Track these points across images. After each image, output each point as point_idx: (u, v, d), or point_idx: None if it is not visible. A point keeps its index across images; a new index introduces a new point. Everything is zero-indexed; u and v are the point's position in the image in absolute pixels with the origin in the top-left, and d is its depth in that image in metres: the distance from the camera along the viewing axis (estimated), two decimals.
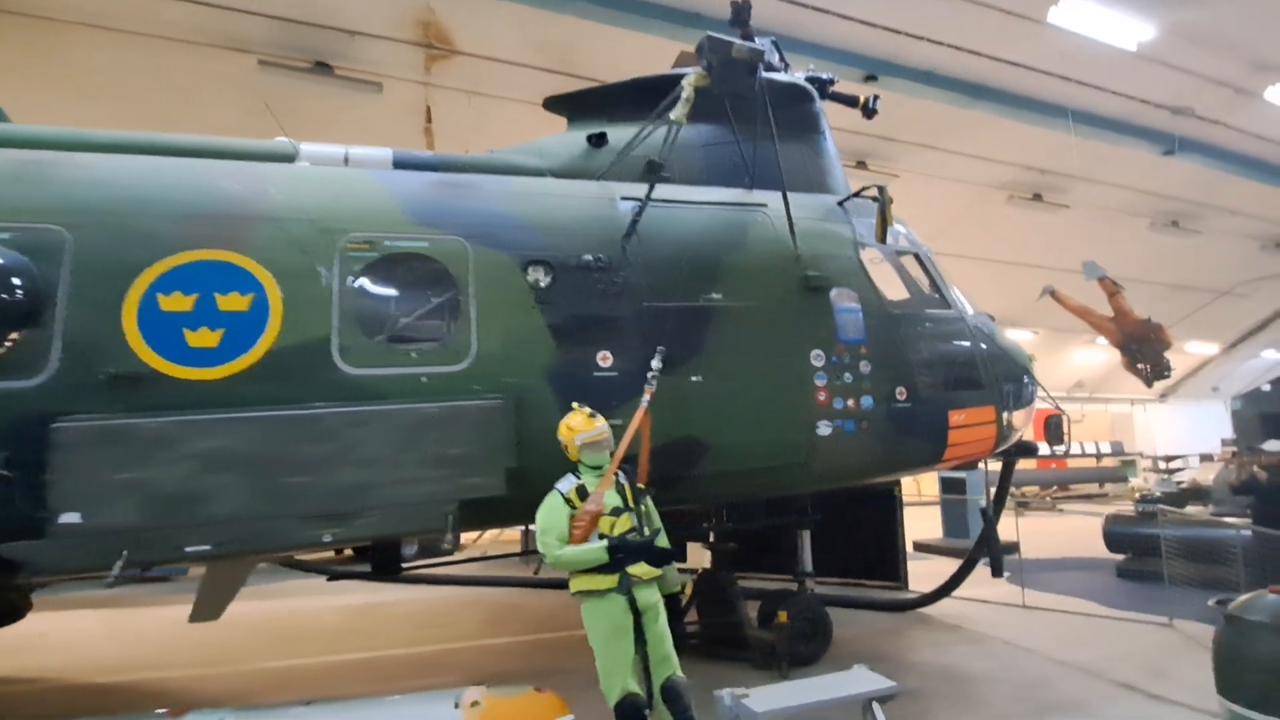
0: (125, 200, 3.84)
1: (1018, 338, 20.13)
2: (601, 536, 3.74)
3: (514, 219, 4.54)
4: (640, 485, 4.02)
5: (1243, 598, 3.44)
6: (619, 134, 5.65)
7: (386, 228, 4.22)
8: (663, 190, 5.15)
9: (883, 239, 5.15)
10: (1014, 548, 11.49)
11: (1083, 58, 9.81)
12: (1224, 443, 17.22)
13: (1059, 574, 9.87)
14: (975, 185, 13.54)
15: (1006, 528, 12.08)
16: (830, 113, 11.13)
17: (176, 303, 3.69)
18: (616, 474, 3.97)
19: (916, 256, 5.83)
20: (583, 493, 3.83)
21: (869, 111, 6.89)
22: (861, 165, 12.16)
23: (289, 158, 4.64)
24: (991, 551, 6.20)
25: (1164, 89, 10.58)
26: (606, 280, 4.48)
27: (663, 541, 3.94)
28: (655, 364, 4.25)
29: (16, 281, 3.43)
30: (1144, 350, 10.27)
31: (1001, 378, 5.71)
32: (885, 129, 11.61)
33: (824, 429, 4.86)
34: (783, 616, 5.77)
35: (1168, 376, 10.71)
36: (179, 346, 3.65)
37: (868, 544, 8.98)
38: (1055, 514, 16.87)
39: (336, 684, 5.58)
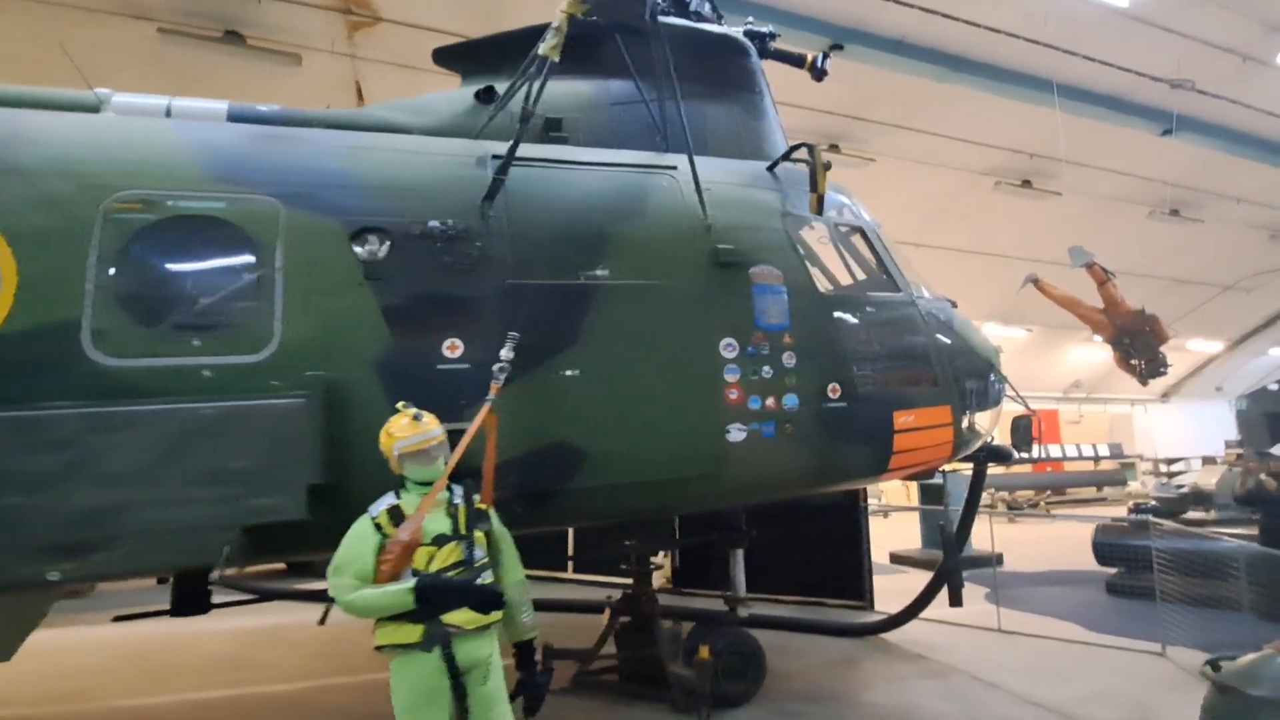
0: None
1: (1009, 336, 19.29)
2: (415, 573, 2.93)
3: (346, 177, 3.71)
4: (481, 506, 3.21)
5: (1241, 661, 2.60)
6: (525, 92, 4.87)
7: (173, 185, 3.39)
8: (554, 152, 4.35)
9: (817, 210, 4.32)
10: (995, 560, 10.77)
11: (1071, 23, 8.94)
12: (1228, 445, 16.33)
13: (1043, 590, 9.01)
14: (959, 171, 12.67)
15: (986, 537, 11.33)
16: (797, 89, 10.32)
17: None
18: (450, 491, 3.16)
19: (861, 232, 4.98)
20: (398, 516, 3.02)
21: (818, 72, 6.07)
22: (834, 148, 11.31)
23: (92, 108, 3.83)
24: (950, 578, 5.35)
25: (1161, 58, 9.68)
26: (459, 252, 3.65)
27: (499, 578, 3.13)
28: (505, 353, 3.42)
29: None
30: (1138, 345, 9.39)
31: (961, 373, 4.86)
32: (856, 107, 10.80)
33: (736, 433, 4.02)
34: (704, 652, 4.94)
35: (1164, 373, 9.85)
36: None
37: (830, 559, 8.16)
38: (1049, 520, 15.98)
39: None
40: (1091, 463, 20.68)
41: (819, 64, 6.06)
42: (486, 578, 3.09)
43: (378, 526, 2.98)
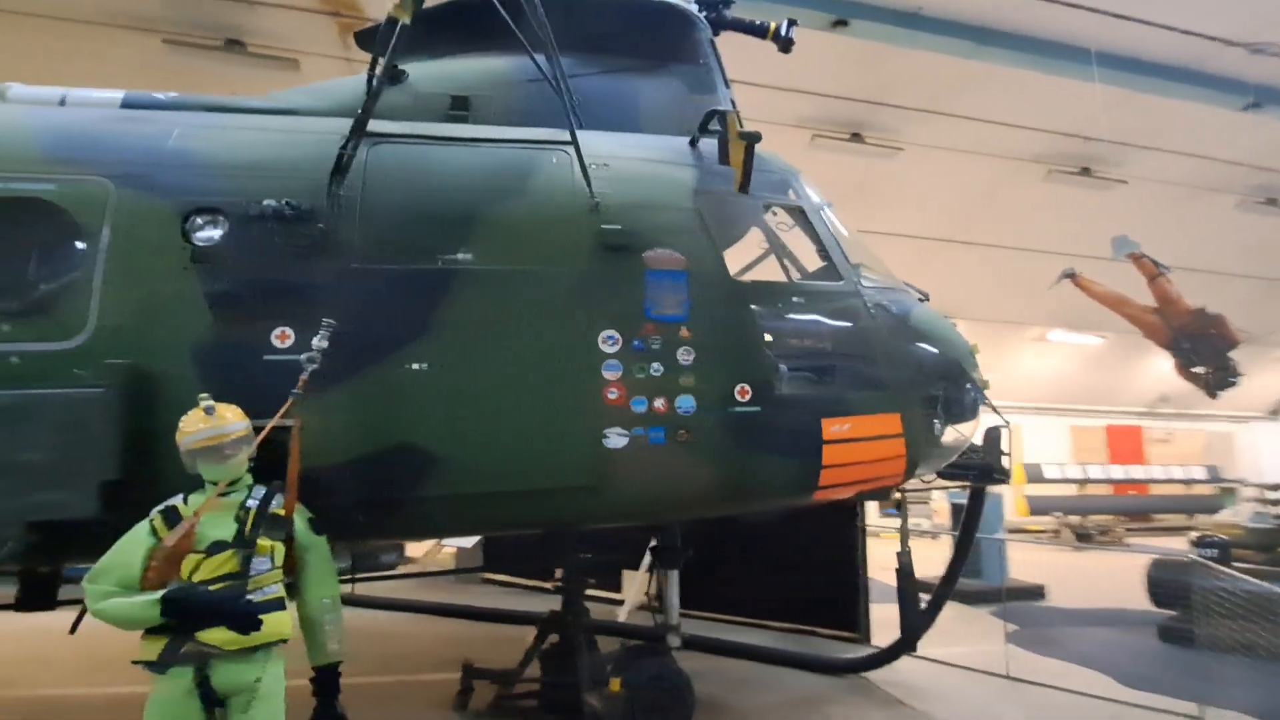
0: None
1: (1079, 343, 17.41)
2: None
3: (189, 157, 3.50)
4: (278, 512, 2.87)
5: None
6: (431, 69, 4.59)
7: (6, 167, 3.29)
8: (438, 130, 4.03)
9: (743, 187, 3.78)
10: (1037, 592, 9.55)
11: None
12: None
13: (1083, 631, 7.83)
14: (1003, 159, 11.46)
15: (1031, 566, 10.08)
16: (808, 75, 9.61)
17: None
18: (249, 494, 2.86)
19: (801, 212, 4.35)
20: (174, 518, 2.73)
21: (782, 40, 5.48)
22: (856, 138, 10.48)
23: None
24: (904, 619, 4.59)
25: (1234, 18, 8.30)
26: (298, 234, 3.35)
27: (302, 593, 2.80)
28: (317, 342, 3.08)
29: None
30: (1201, 350, 8.02)
31: (918, 377, 4.15)
32: (878, 91, 9.95)
33: (616, 439, 3.51)
34: (614, 684, 4.43)
35: (1235, 383, 8.38)
36: None
37: (823, 582, 7.38)
38: (1122, 550, 14.20)
39: None
40: (1182, 486, 18.37)
41: (782, 32, 5.47)
42: (271, 592, 2.75)
43: (153, 530, 2.71)
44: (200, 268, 3.26)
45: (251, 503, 2.84)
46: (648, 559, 8.28)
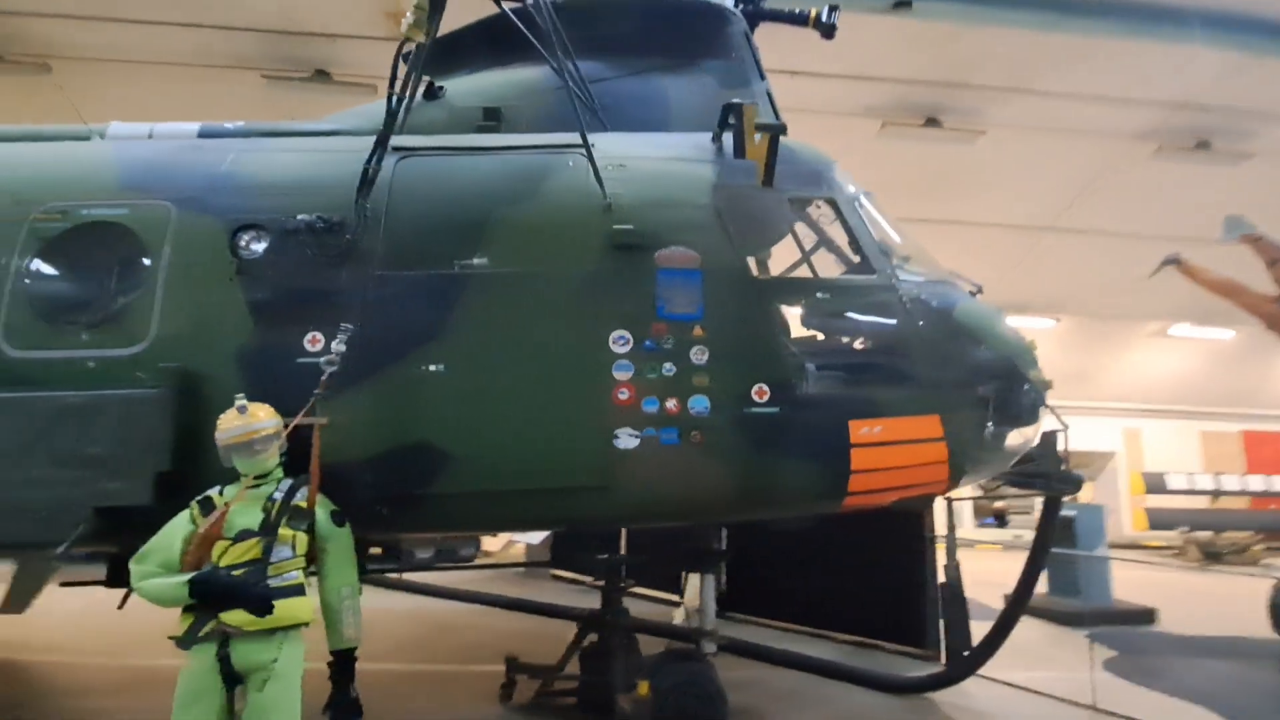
0: None
1: (1208, 337, 15.48)
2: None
3: (238, 180, 3.84)
4: (301, 504, 3.08)
5: None
6: (466, 84, 4.81)
7: (89, 196, 3.73)
8: (460, 140, 4.19)
9: (767, 180, 3.70)
10: (1145, 616, 8.58)
11: None
12: None
13: (1196, 661, 6.94)
14: (1105, 137, 10.40)
15: (1144, 586, 9.08)
16: (879, 60, 9.15)
17: None
18: (275, 486, 3.10)
19: (833, 203, 4.16)
20: (209, 507, 3.00)
21: (825, 27, 5.31)
22: (933, 123, 9.87)
23: (84, 137, 4.41)
24: (951, 631, 4.24)
25: None
26: (328, 245, 3.59)
27: (323, 581, 2.98)
28: (336, 346, 3.29)
29: None
30: None
31: (960, 374, 3.85)
32: (950, 72, 9.33)
33: (627, 439, 3.49)
34: (643, 688, 4.40)
35: None
36: None
37: (892, 593, 6.98)
38: (1258, 573, 12.46)
39: None
40: None
41: (824, 18, 5.28)
42: (290, 578, 2.95)
43: (191, 518, 2.99)
44: (243, 279, 3.57)
45: (278, 495, 3.07)
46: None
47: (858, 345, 3.82)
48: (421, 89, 4.57)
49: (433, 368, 3.51)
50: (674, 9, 4.88)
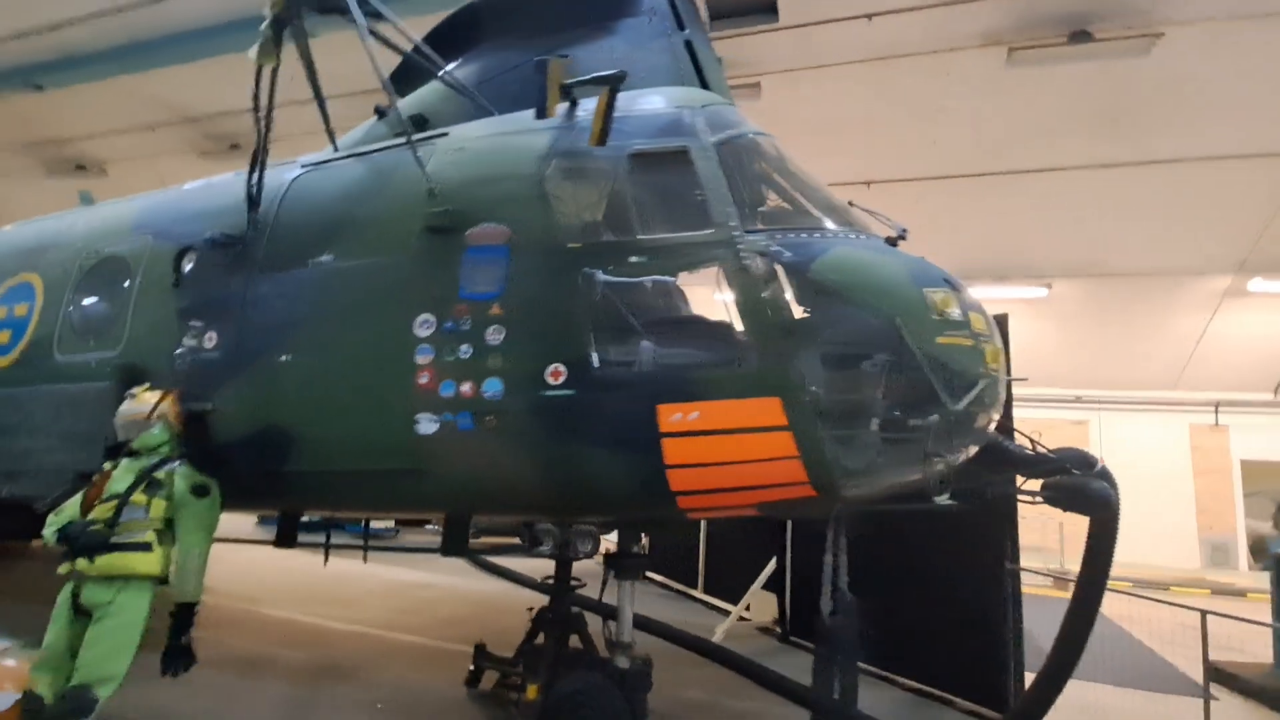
0: None
1: None
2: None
3: (193, 208, 4.68)
4: (159, 476, 3.65)
5: None
6: (406, 100, 5.19)
7: (114, 239, 4.92)
8: (348, 151, 4.51)
9: (601, 139, 3.41)
10: None
11: None
12: None
13: None
14: None
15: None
16: None
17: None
18: (158, 460, 3.72)
19: (684, 152, 3.52)
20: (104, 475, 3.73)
21: None
22: (1082, 37, 7.53)
23: None
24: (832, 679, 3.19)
25: None
26: (224, 256, 4.20)
27: (127, 534, 3.48)
28: (186, 340, 3.81)
29: None
30: None
31: (808, 345, 2.97)
32: None
33: (427, 424, 3.41)
34: (531, 691, 4.20)
35: None
36: None
37: (970, 637, 5.45)
38: None
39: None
40: None
41: None
42: (136, 536, 3.51)
43: (93, 482, 3.75)
44: (177, 291, 4.35)
45: (149, 466, 3.69)
46: (766, 572, 7.41)
47: (669, 314, 3.19)
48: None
49: (284, 358, 3.86)
50: None
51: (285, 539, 4.78)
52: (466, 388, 3.36)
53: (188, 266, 4.41)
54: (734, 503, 3.22)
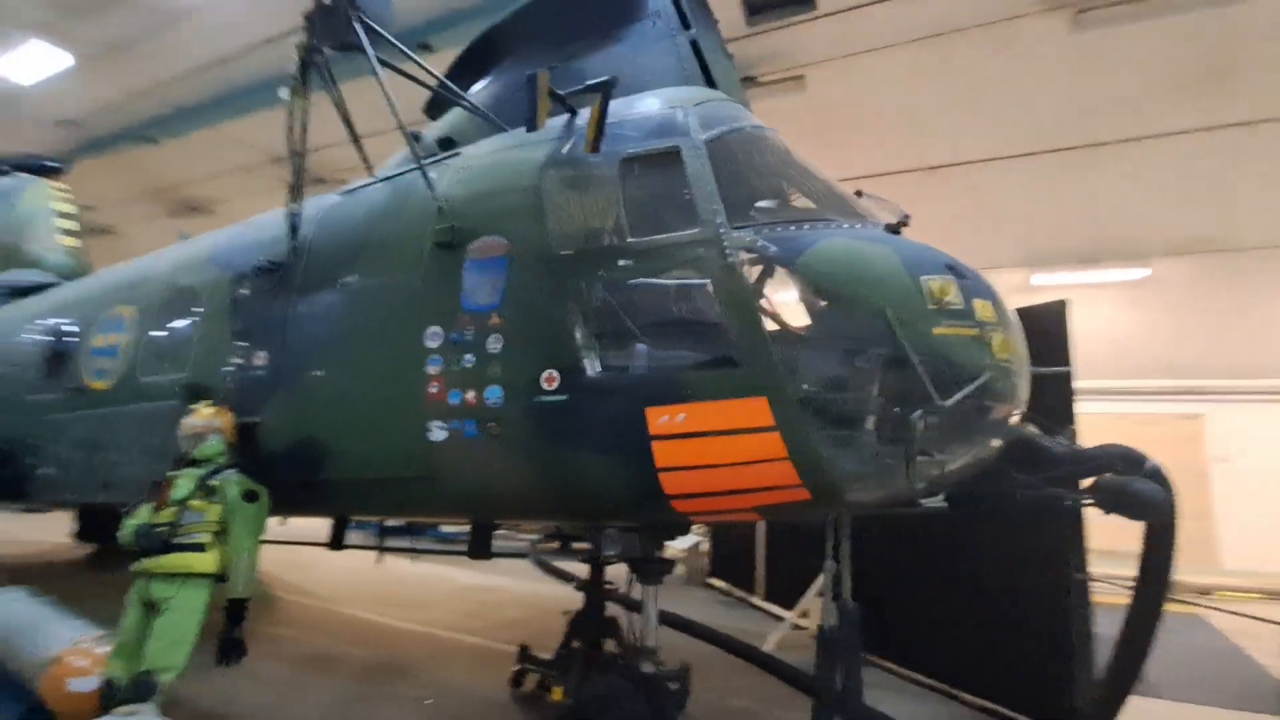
0: None
1: None
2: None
3: (250, 240, 5.11)
4: (214, 484, 4.02)
5: None
6: (437, 125, 5.46)
7: (188, 271, 5.45)
8: (379, 175, 4.79)
9: (594, 145, 3.50)
10: None
11: None
12: None
13: None
14: None
15: None
16: None
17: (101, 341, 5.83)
18: (213, 469, 4.11)
19: (675, 152, 3.49)
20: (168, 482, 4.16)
21: None
22: None
23: None
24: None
25: None
26: (268, 282, 4.57)
27: (187, 536, 3.84)
28: (233, 359, 4.15)
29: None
30: None
31: (793, 340, 2.87)
32: None
33: (438, 432, 3.57)
34: (557, 693, 4.27)
35: None
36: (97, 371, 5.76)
37: (1039, 651, 5.01)
38: None
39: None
40: None
41: None
42: (195, 538, 3.88)
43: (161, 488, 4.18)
44: (232, 316, 4.77)
45: (205, 474, 4.07)
46: (822, 579, 7.13)
47: (659, 317, 3.16)
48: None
49: (316, 374, 4.15)
50: None
51: (336, 541, 5.15)
52: (471, 396, 3.48)
53: (241, 293, 4.83)
54: (730, 506, 3.15)
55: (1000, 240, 10.61)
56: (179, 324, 5.31)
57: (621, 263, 3.30)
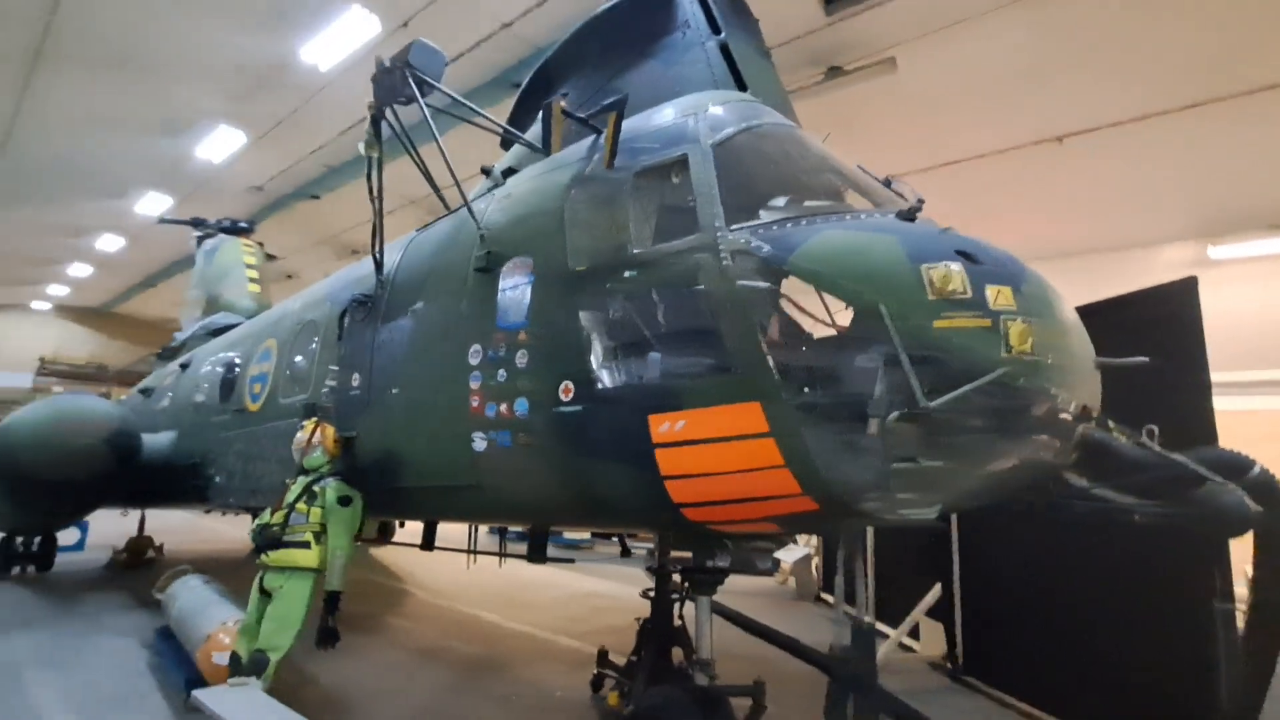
0: None
1: None
2: None
3: (356, 276, 5.83)
4: (316, 490, 4.65)
5: None
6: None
7: (314, 307, 6.33)
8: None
9: (610, 161, 3.70)
10: None
11: None
12: None
13: None
14: None
15: None
16: None
17: (255, 369, 6.94)
18: (319, 478, 4.76)
19: (684, 160, 3.48)
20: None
21: None
22: None
23: None
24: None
25: None
26: (364, 312, 5.19)
27: (293, 535, 4.47)
28: (328, 381, 4.75)
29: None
30: None
31: (787, 342, 2.76)
32: None
33: (479, 443, 3.85)
34: (612, 698, 4.37)
35: None
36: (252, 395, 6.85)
37: (1176, 685, 4.20)
38: None
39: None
40: None
41: None
42: (299, 536, 4.51)
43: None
44: (338, 343, 5.47)
45: (309, 480, 4.72)
46: (929, 599, 6.56)
47: (658, 325, 3.15)
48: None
49: (394, 391, 4.65)
50: (623, 10, 4.84)
51: (428, 543, 5.71)
52: (504, 408, 3.72)
53: (344, 323, 5.54)
54: (741, 515, 3.06)
55: (1160, 211, 9.11)
56: (304, 352, 6.19)
57: (626, 274, 3.37)
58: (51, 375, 26.23)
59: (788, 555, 9.49)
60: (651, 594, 5.18)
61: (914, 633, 7.01)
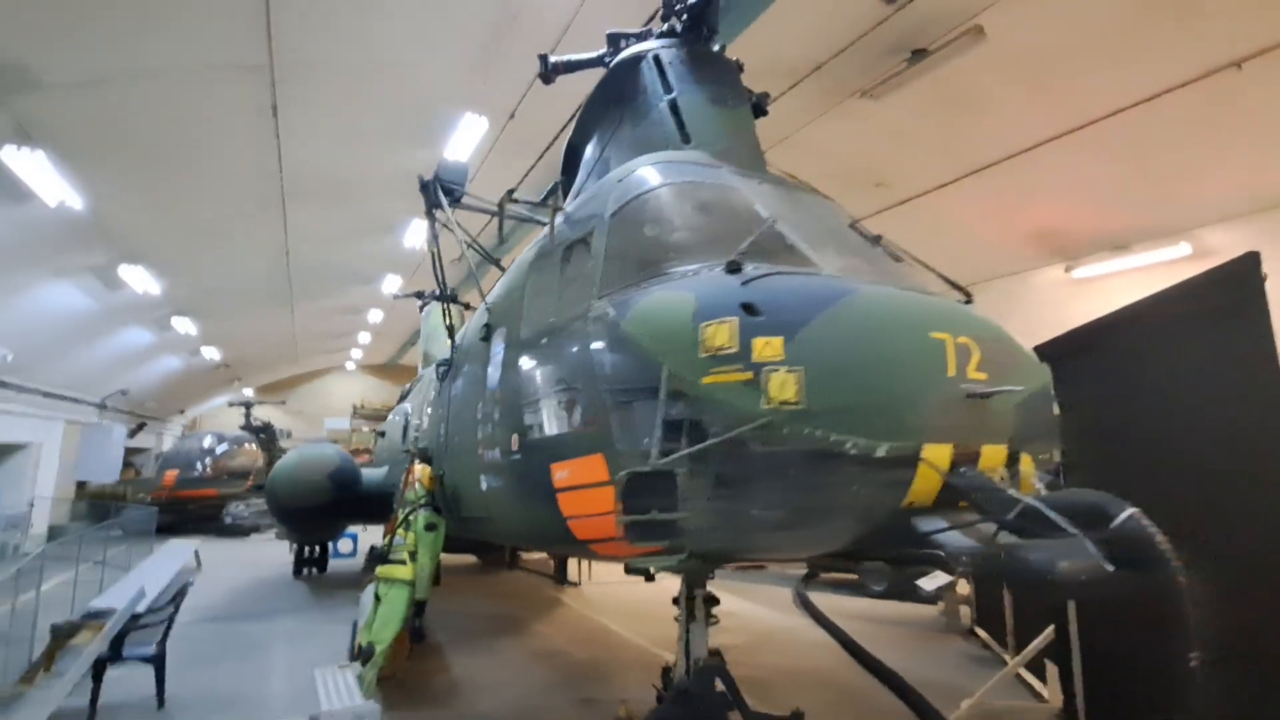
0: None
1: None
2: None
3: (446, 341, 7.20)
4: (412, 517, 5.96)
5: None
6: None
7: (435, 359, 7.90)
8: None
9: (551, 243, 4.47)
10: None
11: None
12: None
13: None
14: None
15: None
16: None
17: (412, 418, 8.78)
18: (410, 507, 6.11)
19: (592, 232, 3.93)
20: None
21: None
22: None
23: None
24: None
25: None
26: (444, 373, 6.45)
27: (395, 553, 5.75)
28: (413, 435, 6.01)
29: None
30: None
31: (613, 397, 3.11)
32: None
33: (484, 483, 4.74)
34: (622, 709, 4.82)
35: None
36: None
37: None
38: None
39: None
40: None
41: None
42: (399, 555, 5.82)
43: None
44: (439, 395, 6.81)
45: (406, 510, 6.06)
46: (1039, 642, 5.73)
47: (557, 384, 3.63)
48: None
49: (456, 439, 5.76)
50: (607, 81, 5.38)
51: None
52: (491, 455, 4.54)
53: (439, 382, 6.88)
54: (621, 554, 3.42)
55: None
56: (420, 405, 7.77)
57: (543, 340, 3.95)
58: (361, 418, 34.01)
59: (929, 582, 8.69)
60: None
61: (1042, 677, 6.09)
